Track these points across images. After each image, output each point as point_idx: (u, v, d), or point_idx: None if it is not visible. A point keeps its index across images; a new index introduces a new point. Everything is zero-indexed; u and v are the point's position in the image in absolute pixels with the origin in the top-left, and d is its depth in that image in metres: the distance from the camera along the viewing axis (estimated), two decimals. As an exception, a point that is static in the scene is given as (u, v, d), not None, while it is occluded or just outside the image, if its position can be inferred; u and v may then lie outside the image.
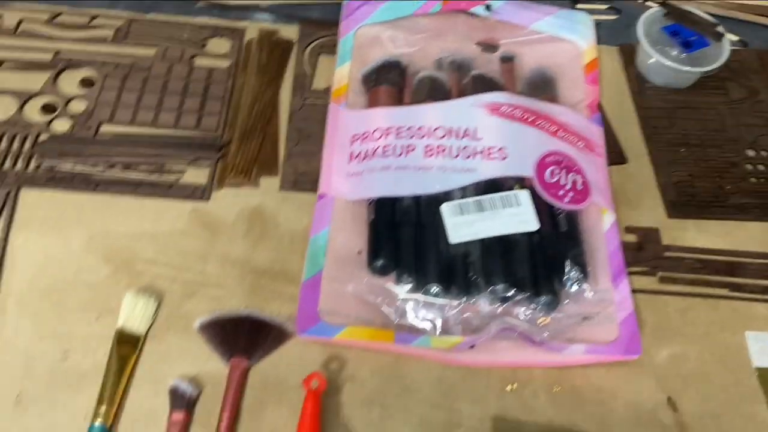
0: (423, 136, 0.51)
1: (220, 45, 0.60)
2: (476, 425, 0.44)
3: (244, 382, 0.44)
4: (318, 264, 0.48)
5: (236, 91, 0.57)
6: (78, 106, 0.55)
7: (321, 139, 0.54)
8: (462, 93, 0.54)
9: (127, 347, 0.44)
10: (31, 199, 0.50)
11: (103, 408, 0.42)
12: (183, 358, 0.45)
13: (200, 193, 0.52)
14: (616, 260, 0.48)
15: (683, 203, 0.54)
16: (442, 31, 0.59)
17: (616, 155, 0.56)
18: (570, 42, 0.59)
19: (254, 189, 0.53)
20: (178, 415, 0.42)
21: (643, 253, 0.51)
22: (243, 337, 0.45)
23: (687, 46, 0.60)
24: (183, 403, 0.42)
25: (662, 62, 0.57)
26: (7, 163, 0.52)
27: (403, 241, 0.48)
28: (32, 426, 0.42)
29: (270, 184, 0.53)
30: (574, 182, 0.50)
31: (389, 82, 0.55)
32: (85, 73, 0.57)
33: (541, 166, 0.49)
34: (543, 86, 0.56)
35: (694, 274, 0.50)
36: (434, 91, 0.54)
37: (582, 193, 0.49)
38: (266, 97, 0.57)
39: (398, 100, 0.55)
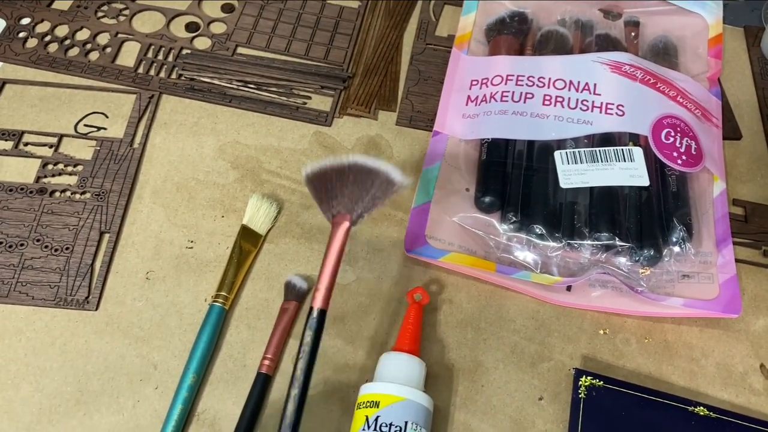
0: (542, 86, 0.52)
1: (351, -13, 0.64)
2: (566, 361, 0.45)
3: (344, 244, 0.41)
4: (428, 194, 0.50)
5: (363, 30, 0.60)
6: (218, 28, 0.60)
7: (438, 82, 0.57)
8: (583, 51, 0.55)
9: (248, 243, 0.48)
10: (170, 105, 0.55)
11: (223, 293, 0.45)
12: (296, 261, 0.48)
13: (323, 119, 0.55)
14: (723, 226, 0.49)
15: (796, 184, 0.53)
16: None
17: (731, 130, 0.56)
18: (697, 16, 0.59)
19: (372, 121, 0.55)
20: (289, 304, 0.45)
21: (748, 225, 0.51)
22: (347, 189, 0.42)
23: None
24: (294, 295, 0.45)
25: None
26: (153, 71, 0.56)
27: (512, 182, 0.50)
28: (159, 301, 0.46)
29: (387, 118, 0.56)
30: (689, 146, 0.50)
31: (512, 33, 0.57)
32: (226, -1, 0.62)
33: (658, 126, 0.50)
34: (664, 53, 0.56)
35: (800, 253, 0.50)
36: (558, 46, 0.55)
37: (695, 157, 0.50)
38: (391, 38, 0.60)
39: (519, 51, 0.56)
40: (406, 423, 0.38)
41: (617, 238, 0.46)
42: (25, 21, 0.59)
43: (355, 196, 0.42)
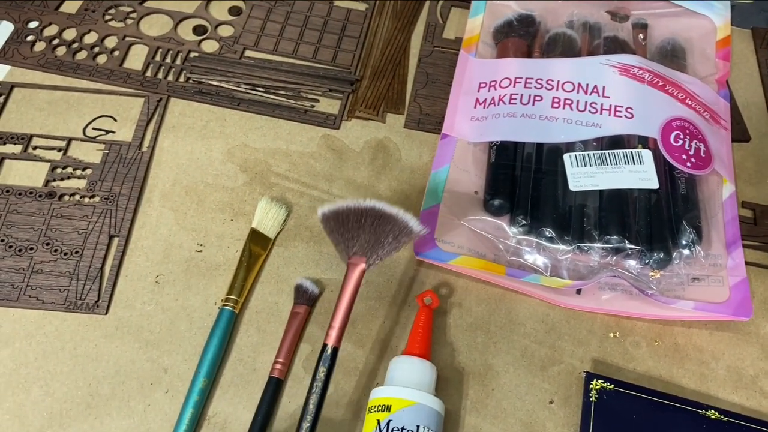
0: (551, 89, 0.52)
1: (358, -11, 0.64)
2: (576, 364, 0.45)
3: (357, 286, 0.42)
4: (437, 197, 0.50)
5: (371, 32, 0.60)
6: (226, 31, 0.60)
7: (446, 84, 0.57)
8: (591, 54, 0.55)
9: (258, 246, 0.48)
10: (179, 108, 0.55)
11: (233, 297, 0.45)
12: (305, 264, 0.48)
13: (331, 122, 0.55)
14: (732, 229, 0.49)
15: (805, 186, 0.53)
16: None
17: (739, 132, 0.56)
18: (705, 17, 0.59)
19: (380, 123, 0.55)
20: (300, 308, 0.45)
21: (758, 228, 0.51)
22: (365, 232, 0.43)
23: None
24: (305, 299, 0.45)
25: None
26: (161, 74, 0.56)
27: (522, 184, 0.50)
28: (169, 304, 0.46)
29: (395, 120, 0.56)
30: (698, 149, 0.50)
31: (520, 35, 0.57)
32: (233, 2, 0.62)
33: (667, 129, 0.50)
34: (672, 55, 0.56)
35: (809, 255, 0.50)
36: (566, 48, 0.55)
37: (704, 160, 0.50)
38: (398, 41, 0.60)
39: (526, 54, 0.56)
40: (417, 427, 0.38)
41: (627, 241, 0.46)
42: (33, 24, 0.59)
43: (373, 240, 0.42)
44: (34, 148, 0.52)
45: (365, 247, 0.43)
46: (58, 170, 0.51)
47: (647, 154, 0.49)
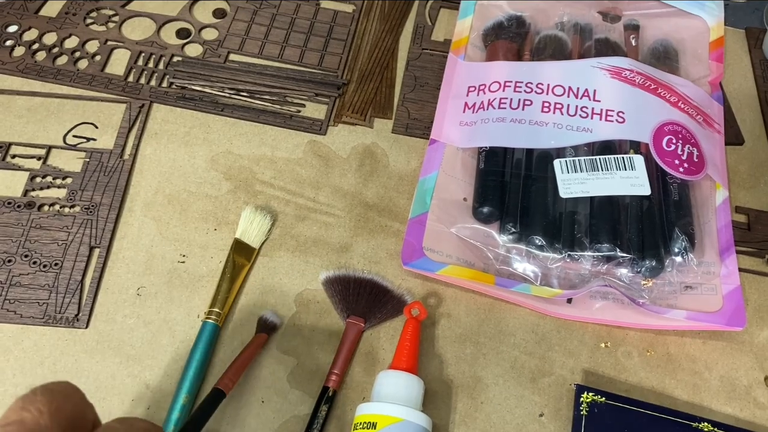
0: (541, 92, 0.51)
1: (345, -9, 0.62)
2: (567, 375, 0.44)
3: (357, 342, 0.45)
4: (425, 204, 0.49)
5: (358, 35, 0.59)
6: (210, 34, 0.58)
7: (435, 88, 0.56)
8: (582, 56, 0.54)
9: (242, 257, 0.47)
10: (161, 114, 0.54)
11: (216, 309, 0.44)
12: (291, 275, 0.47)
13: (318, 127, 0.54)
14: (726, 235, 0.48)
15: (799, 191, 0.52)
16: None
17: (733, 135, 0.55)
18: (697, 18, 0.58)
19: (368, 129, 0.54)
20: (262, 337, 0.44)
21: (751, 233, 0.50)
22: (363, 299, 0.45)
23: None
24: (267, 329, 0.44)
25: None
26: (143, 79, 0.55)
27: (511, 191, 0.49)
28: (151, 318, 0.45)
29: (383, 125, 0.55)
30: (690, 154, 0.49)
31: (510, 37, 0.56)
32: (218, 4, 0.60)
33: (659, 133, 0.49)
34: (665, 57, 0.55)
35: (804, 261, 0.49)
36: (557, 51, 0.54)
37: (697, 165, 0.49)
38: (386, 43, 0.59)
39: (516, 56, 0.55)
40: (404, 445, 0.37)
41: (618, 249, 0.45)
42: (12, 29, 0.57)
43: (370, 307, 0.45)
44: (13, 156, 0.51)
45: (364, 311, 0.45)
46: (38, 179, 0.50)
47: (639, 160, 0.48)
